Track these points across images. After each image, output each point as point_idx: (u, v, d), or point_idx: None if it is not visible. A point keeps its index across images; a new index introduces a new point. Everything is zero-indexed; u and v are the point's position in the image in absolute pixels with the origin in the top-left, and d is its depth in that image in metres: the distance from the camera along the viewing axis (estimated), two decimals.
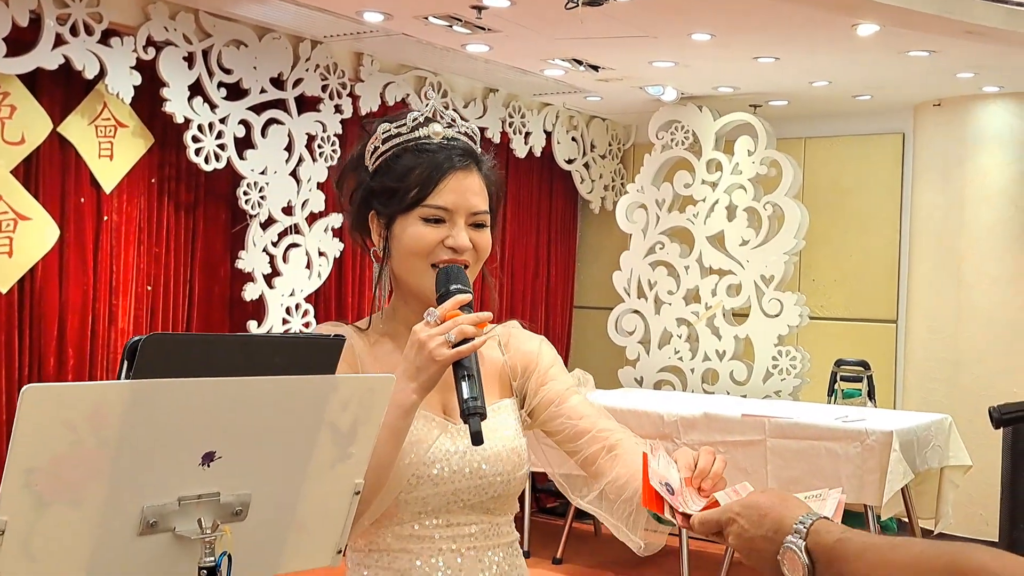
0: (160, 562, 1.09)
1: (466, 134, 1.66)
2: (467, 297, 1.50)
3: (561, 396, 1.71)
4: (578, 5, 3.52)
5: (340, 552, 1.25)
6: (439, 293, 1.53)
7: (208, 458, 1.09)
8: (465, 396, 1.43)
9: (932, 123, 5.95)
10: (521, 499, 5.74)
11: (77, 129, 4.39)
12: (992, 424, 1.60)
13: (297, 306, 5.08)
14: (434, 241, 1.57)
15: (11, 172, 4.16)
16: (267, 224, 4.94)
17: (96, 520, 1.03)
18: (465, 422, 1.43)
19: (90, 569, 1.04)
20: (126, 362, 1.00)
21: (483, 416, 1.43)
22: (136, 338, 0.99)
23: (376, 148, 1.63)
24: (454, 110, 5.78)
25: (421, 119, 1.62)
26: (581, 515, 5.87)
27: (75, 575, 1.03)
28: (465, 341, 1.45)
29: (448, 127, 1.64)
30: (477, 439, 1.41)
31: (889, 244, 6.29)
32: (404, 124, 1.62)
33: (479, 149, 1.67)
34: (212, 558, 1.09)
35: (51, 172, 4.35)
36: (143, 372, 0.99)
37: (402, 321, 1.65)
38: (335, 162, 5.06)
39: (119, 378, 1.01)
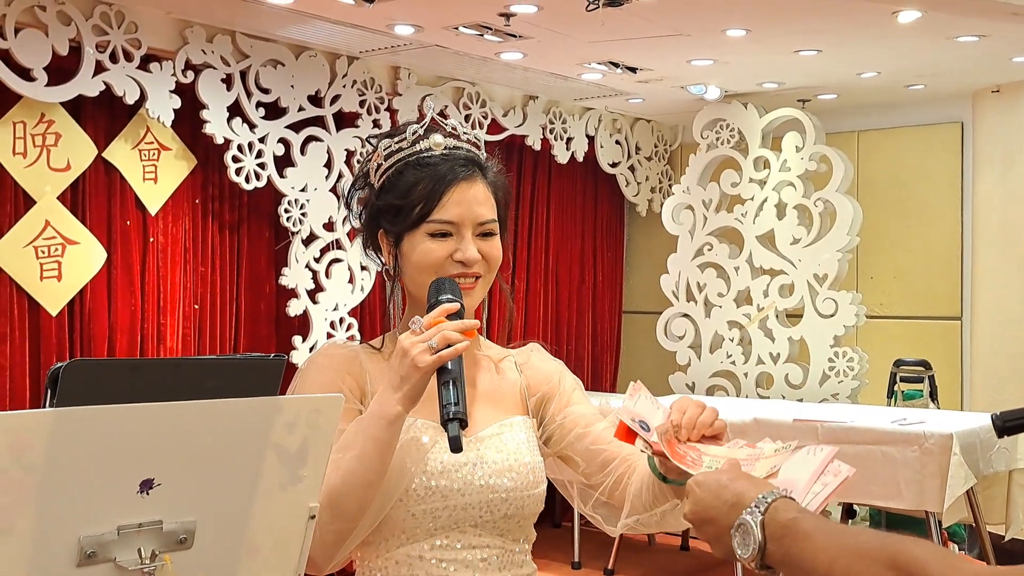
0: None
1: (468, 141, 1.64)
2: (454, 306, 1.48)
3: (588, 421, 1.69)
4: (599, 6, 3.47)
5: None
6: (429, 304, 1.52)
7: (146, 485, 1.06)
8: (444, 402, 1.41)
9: (991, 110, 5.76)
10: (571, 509, 5.69)
11: (121, 153, 4.46)
12: (996, 433, 1.53)
13: (341, 320, 5.09)
14: (442, 256, 1.56)
15: (58, 198, 4.24)
16: (309, 240, 4.97)
17: (30, 551, 1.01)
18: (444, 428, 1.40)
19: None
20: (49, 390, 0.98)
21: (463, 423, 1.40)
22: (58, 365, 0.97)
23: (379, 165, 1.61)
24: (493, 119, 5.76)
25: (421, 131, 1.61)
26: None
27: None
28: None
29: (449, 136, 1.62)
30: (455, 445, 1.38)
31: (950, 237, 6.09)
32: (404, 138, 1.60)
33: (483, 155, 1.64)
34: None
35: (97, 197, 4.42)
36: (67, 399, 0.98)
37: None
38: None
39: (43, 406, 0.99)
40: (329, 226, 5.01)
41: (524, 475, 1.59)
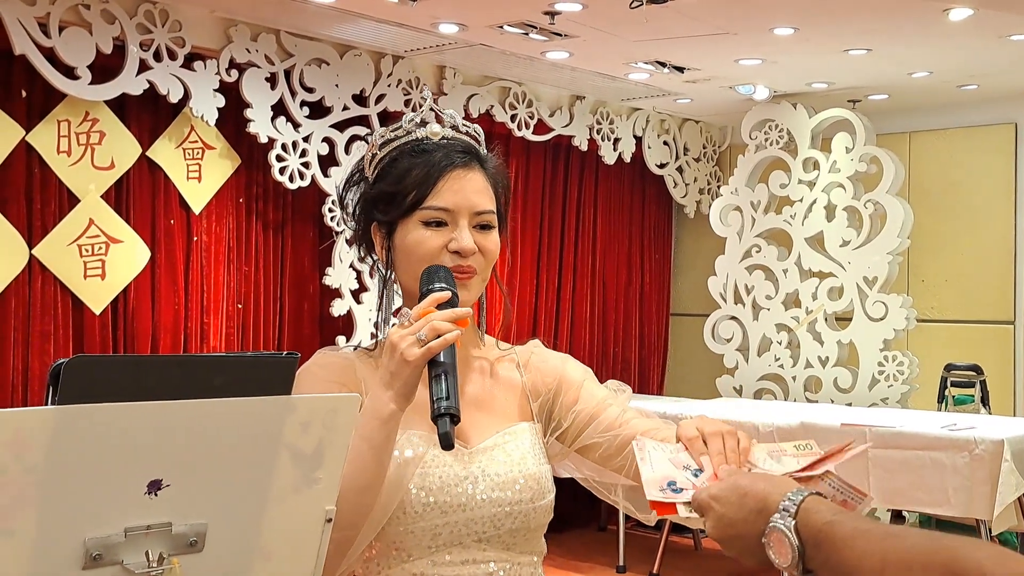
0: None
1: (468, 133, 1.58)
2: (445, 295, 1.40)
3: (596, 411, 1.60)
4: (642, 3, 3.41)
5: None
6: (420, 293, 1.45)
7: (154, 486, 1.03)
8: (434, 397, 1.33)
9: None
10: (616, 513, 5.62)
11: (165, 152, 4.48)
12: None
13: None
14: (437, 246, 1.48)
15: (102, 196, 4.27)
16: (353, 240, 4.95)
17: (33, 552, 0.99)
18: (435, 423, 1.32)
19: None
20: (51, 387, 0.96)
21: (454, 418, 1.32)
22: (60, 361, 0.94)
23: (375, 155, 1.56)
24: (540, 119, 5.72)
25: (418, 120, 1.55)
26: (679, 529, 5.71)
27: None
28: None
29: (448, 127, 1.56)
30: (445, 442, 1.30)
31: (1003, 240, 5.93)
32: (401, 127, 1.56)
33: (483, 148, 1.59)
34: None
35: (141, 195, 4.44)
36: (68, 397, 0.95)
37: None
38: None
39: (45, 404, 0.97)
40: None
41: (529, 487, 1.51)
